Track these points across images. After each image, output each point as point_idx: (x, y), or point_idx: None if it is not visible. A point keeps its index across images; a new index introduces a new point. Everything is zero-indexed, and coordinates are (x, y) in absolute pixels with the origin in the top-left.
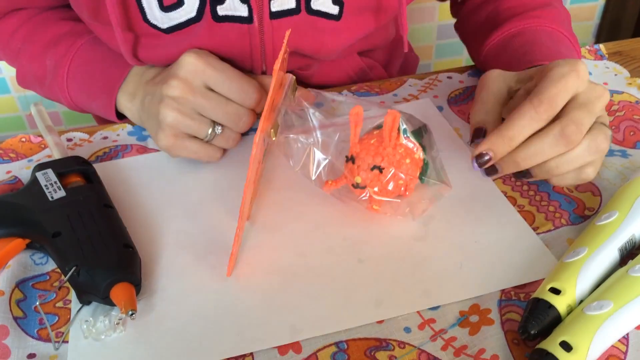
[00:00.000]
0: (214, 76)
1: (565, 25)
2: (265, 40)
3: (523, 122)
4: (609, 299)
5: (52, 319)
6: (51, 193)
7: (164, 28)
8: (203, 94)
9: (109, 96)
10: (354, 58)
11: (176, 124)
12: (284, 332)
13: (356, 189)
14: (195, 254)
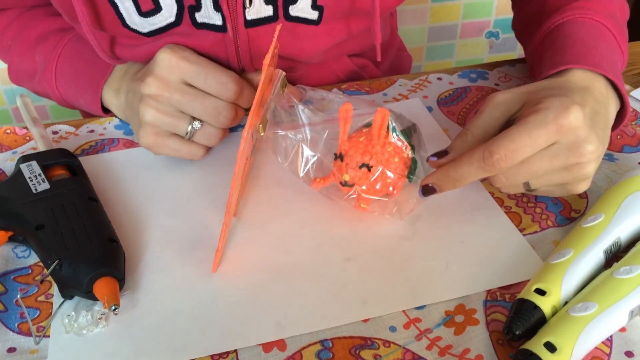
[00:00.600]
0: (189, 69)
1: (614, 19)
2: (240, 49)
3: (469, 169)
4: (593, 300)
5: (33, 313)
6: (35, 185)
7: (145, 32)
8: (179, 89)
9: (94, 92)
10: (343, 60)
11: (155, 122)
12: (269, 330)
13: (344, 186)
14: (180, 250)
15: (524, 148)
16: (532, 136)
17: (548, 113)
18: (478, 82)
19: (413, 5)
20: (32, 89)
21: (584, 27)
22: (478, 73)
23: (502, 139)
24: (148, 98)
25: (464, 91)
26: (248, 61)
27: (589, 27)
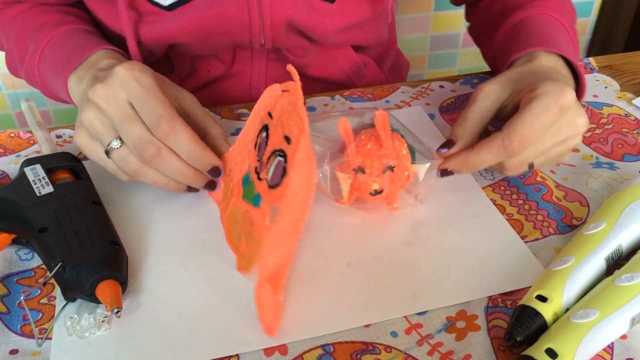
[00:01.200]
0: (134, 91)
1: (568, 18)
2: (263, 13)
3: (489, 156)
4: (595, 307)
5: (36, 315)
6: (39, 188)
7: (166, 5)
8: (119, 106)
9: (65, 77)
10: (349, 52)
11: (88, 126)
12: None
13: (374, 196)
14: (183, 254)
15: (536, 131)
16: (541, 119)
17: (549, 97)
18: None
19: (415, 14)
20: (23, 76)
21: (543, 21)
22: (480, 80)
23: (516, 126)
24: (91, 102)
25: (466, 98)
26: (269, 25)
27: (548, 21)
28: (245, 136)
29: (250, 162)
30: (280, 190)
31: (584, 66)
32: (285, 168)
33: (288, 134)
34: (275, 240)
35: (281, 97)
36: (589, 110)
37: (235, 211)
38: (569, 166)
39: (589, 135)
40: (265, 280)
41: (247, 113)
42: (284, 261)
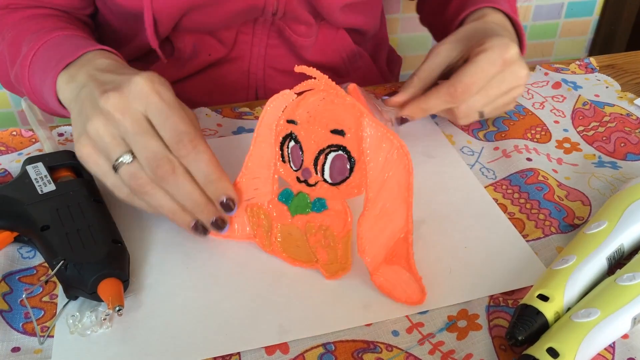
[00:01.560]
0: (156, 105)
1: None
2: None
3: (436, 102)
4: (596, 307)
5: (37, 313)
6: (41, 187)
7: None
8: (134, 118)
9: (54, 75)
10: (347, 39)
11: (95, 137)
12: (272, 333)
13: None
14: (185, 252)
15: (479, 80)
16: (485, 70)
17: (494, 51)
18: None
19: (414, 13)
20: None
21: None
22: None
23: (461, 75)
24: (101, 111)
25: None
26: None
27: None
28: (258, 158)
29: (283, 177)
30: (354, 180)
31: (585, 66)
32: (350, 157)
33: (337, 127)
34: (376, 225)
35: (304, 100)
36: (591, 108)
37: (291, 231)
38: (571, 165)
39: (591, 134)
40: (380, 265)
41: (248, 112)
42: (401, 239)
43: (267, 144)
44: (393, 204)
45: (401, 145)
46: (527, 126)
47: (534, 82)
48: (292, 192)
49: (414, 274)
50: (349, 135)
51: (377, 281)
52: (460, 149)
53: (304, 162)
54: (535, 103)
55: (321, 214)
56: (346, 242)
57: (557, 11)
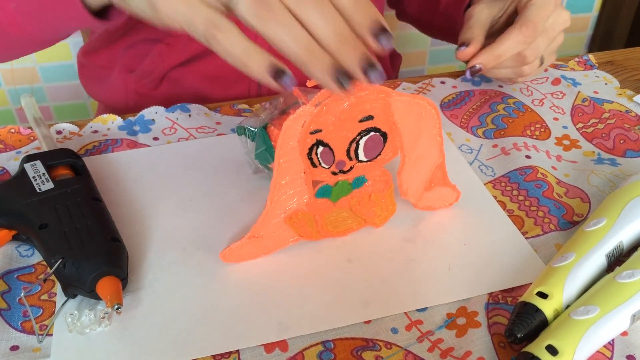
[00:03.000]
0: None
1: None
2: None
3: (510, 43)
4: (595, 304)
5: (36, 312)
6: (39, 185)
7: None
8: None
9: None
10: None
11: None
12: (271, 330)
13: None
14: (183, 250)
15: (543, 19)
16: (544, 10)
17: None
18: (481, 85)
19: None
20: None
21: None
22: (481, 76)
23: (527, 16)
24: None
25: (468, 95)
26: None
27: None
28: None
29: (318, 179)
30: (389, 148)
31: (584, 63)
32: (382, 132)
33: (365, 115)
34: (414, 170)
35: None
36: (591, 104)
37: (337, 215)
38: (570, 162)
39: (590, 131)
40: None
41: (247, 109)
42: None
43: (291, 162)
44: (426, 148)
45: (428, 102)
46: (526, 123)
47: (534, 78)
48: (329, 186)
49: (449, 185)
50: (377, 116)
51: (420, 206)
52: (459, 147)
53: (335, 157)
54: (534, 100)
55: (363, 187)
56: (389, 195)
57: None
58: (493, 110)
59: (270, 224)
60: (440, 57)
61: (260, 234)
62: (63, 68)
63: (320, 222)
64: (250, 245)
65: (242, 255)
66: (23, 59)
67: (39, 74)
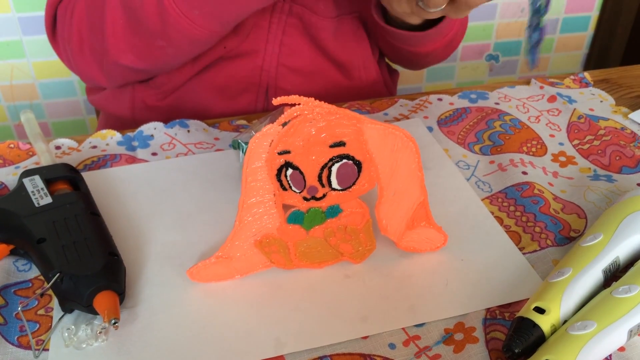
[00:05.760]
0: None
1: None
2: None
3: None
4: (592, 319)
5: (33, 326)
6: (37, 199)
7: None
8: None
9: None
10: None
11: None
12: (269, 346)
13: None
14: (181, 265)
15: None
16: None
17: None
18: (478, 102)
19: None
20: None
21: None
22: (478, 94)
23: None
24: None
25: (464, 112)
26: None
27: None
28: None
29: (288, 203)
30: (364, 178)
31: (579, 80)
32: (355, 161)
33: (336, 140)
34: (393, 205)
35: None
36: (587, 121)
37: (310, 243)
38: (567, 179)
39: (586, 148)
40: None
41: (245, 124)
42: (418, 205)
43: (260, 182)
44: (405, 183)
45: (404, 134)
46: (522, 140)
47: (530, 96)
48: (301, 212)
49: (435, 226)
50: (349, 143)
51: (403, 246)
52: (456, 163)
53: (306, 182)
54: (531, 117)
55: (338, 218)
56: (367, 229)
57: (553, 27)
58: (490, 127)
59: (237, 245)
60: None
61: (229, 255)
62: (62, 85)
63: (293, 250)
64: (218, 266)
65: (209, 276)
66: (23, 75)
67: (38, 90)
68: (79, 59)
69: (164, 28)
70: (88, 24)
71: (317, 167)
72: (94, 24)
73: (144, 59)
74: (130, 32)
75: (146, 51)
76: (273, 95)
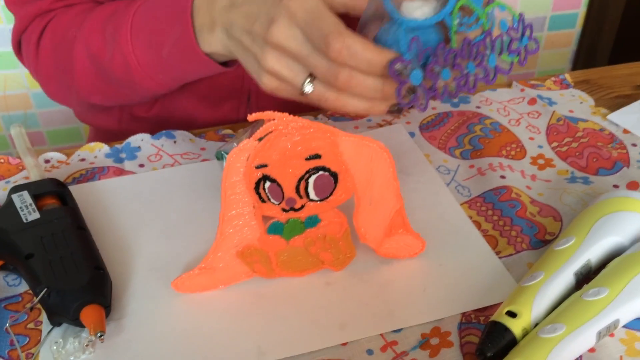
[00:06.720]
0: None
1: None
2: None
3: None
4: (562, 322)
5: (23, 340)
6: (26, 215)
7: None
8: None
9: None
10: None
11: (274, 72)
12: (251, 354)
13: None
14: (166, 276)
15: None
16: None
17: None
18: (460, 106)
19: None
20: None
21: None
22: (460, 97)
23: None
24: (269, 45)
25: (446, 116)
26: None
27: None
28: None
29: (268, 215)
30: (341, 189)
31: (560, 82)
32: (331, 172)
33: (312, 153)
34: (370, 213)
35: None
36: (565, 123)
37: (291, 252)
38: (544, 182)
39: (565, 150)
40: (382, 241)
41: (231, 134)
42: (395, 213)
43: (239, 195)
44: (381, 191)
45: (378, 145)
46: (502, 143)
47: (511, 99)
48: (280, 223)
49: (412, 233)
50: (325, 155)
51: (382, 252)
52: (436, 168)
53: (284, 194)
54: (511, 120)
55: (317, 228)
56: (346, 237)
57: (540, 24)
58: (470, 131)
59: (220, 256)
60: None
61: (212, 266)
62: None
63: (274, 260)
64: (202, 277)
65: (193, 286)
66: (15, 85)
67: (31, 99)
68: (46, 88)
69: (131, 85)
70: (54, 62)
71: (294, 179)
72: (60, 63)
73: (112, 101)
74: (99, 80)
75: (114, 95)
76: (255, 101)
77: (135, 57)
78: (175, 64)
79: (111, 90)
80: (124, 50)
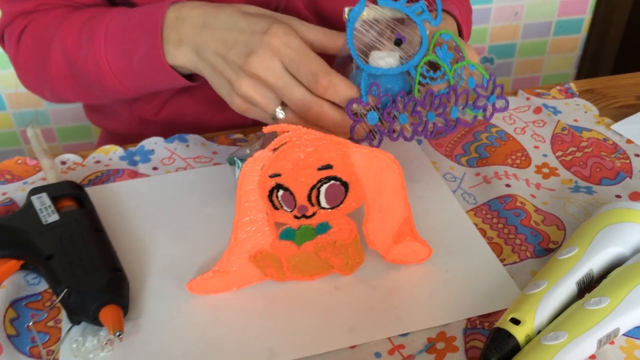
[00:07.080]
0: (288, 56)
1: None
2: None
3: None
4: (564, 330)
5: (43, 338)
6: (45, 217)
7: None
8: (277, 74)
9: (152, 37)
10: None
11: (247, 97)
12: (263, 355)
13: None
14: (181, 278)
15: None
16: None
17: None
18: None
19: None
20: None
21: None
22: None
23: None
24: (246, 73)
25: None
26: None
27: None
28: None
29: (280, 222)
30: (351, 197)
31: (565, 91)
32: (342, 182)
33: (324, 163)
34: (379, 221)
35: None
36: (570, 133)
37: (302, 257)
38: (548, 190)
39: (569, 159)
40: (390, 247)
41: (242, 138)
42: (403, 221)
43: (252, 202)
44: (390, 201)
45: (388, 157)
46: (508, 152)
47: (516, 107)
48: (292, 229)
49: (419, 240)
50: (336, 165)
51: (390, 258)
52: (443, 175)
53: (297, 202)
54: (517, 128)
55: (327, 234)
56: (356, 243)
57: (546, 29)
58: (476, 139)
59: (233, 260)
60: None
61: (226, 269)
62: None
63: (286, 264)
64: (216, 279)
65: (207, 288)
66: None
67: None
68: (22, 79)
69: (102, 87)
70: (32, 58)
71: (307, 188)
72: (37, 59)
73: (83, 99)
74: (72, 80)
75: (85, 95)
76: None
77: (107, 62)
78: (144, 73)
79: (83, 90)
80: (97, 54)
